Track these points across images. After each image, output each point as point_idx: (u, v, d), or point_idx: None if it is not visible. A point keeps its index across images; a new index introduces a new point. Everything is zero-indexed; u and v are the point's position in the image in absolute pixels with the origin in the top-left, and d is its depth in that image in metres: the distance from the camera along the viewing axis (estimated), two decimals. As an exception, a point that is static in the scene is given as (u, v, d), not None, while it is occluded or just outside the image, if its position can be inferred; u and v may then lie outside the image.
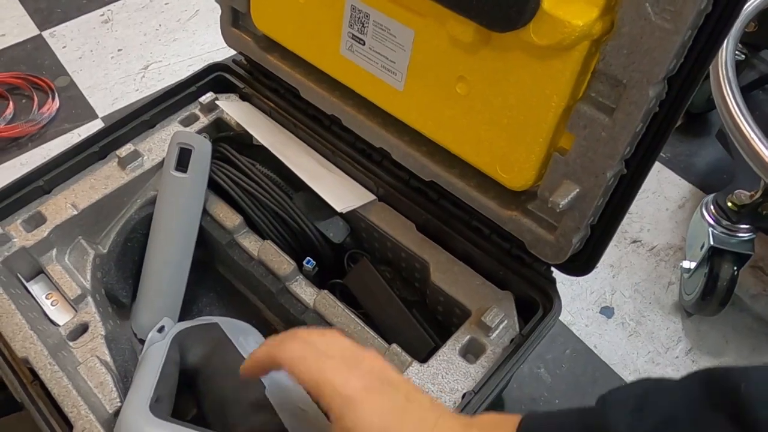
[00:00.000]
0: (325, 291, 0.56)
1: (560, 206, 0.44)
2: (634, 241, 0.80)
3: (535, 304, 0.52)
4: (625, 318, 0.73)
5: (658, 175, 0.87)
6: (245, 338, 0.51)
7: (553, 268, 0.52)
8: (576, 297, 0.75)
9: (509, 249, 0.53)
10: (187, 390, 0.51)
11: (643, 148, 0.42)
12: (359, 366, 0.36)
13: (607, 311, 0.74)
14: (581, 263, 0.50)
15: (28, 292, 0.56)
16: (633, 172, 0.43)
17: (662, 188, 0.86)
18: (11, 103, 0.94)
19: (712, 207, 0.71)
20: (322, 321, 0.55)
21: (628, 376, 0.69)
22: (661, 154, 0.43)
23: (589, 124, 0.41)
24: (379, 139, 0.57)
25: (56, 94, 0.95)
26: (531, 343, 0.49)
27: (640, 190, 0.45)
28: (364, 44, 0.52)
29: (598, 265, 0.77)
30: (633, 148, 0.42)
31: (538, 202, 0.49)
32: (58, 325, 0.54)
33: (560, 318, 0.73)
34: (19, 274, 0.57)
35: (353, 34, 0.52)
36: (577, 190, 0.44)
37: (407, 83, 0.51)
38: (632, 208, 0.45)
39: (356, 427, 0.33)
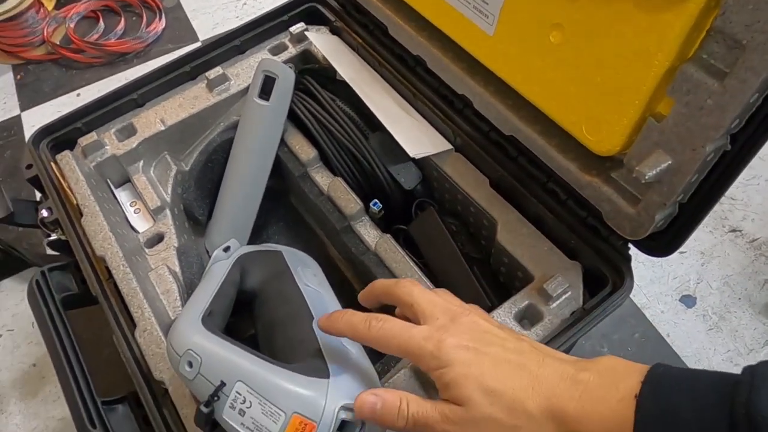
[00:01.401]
0: (388, 235, 0.55)
1: (646, 177, 0.40)
2: (734, 230, 0.73)
3: (605, 280, 0.49)
4: (707, 310, 0.68)
5: (777, 161, 0.78)
6: (303, 269, 0.52)
7: (630, 246, 0.49)
8: (656, 280, 0.70)
9: (585, 218, 0.50)
10: (247, 311, 0.53)
11: (755, 123, 0.37)
12: (455, 323, 0.36)
13: (688, 300, 0.68)
14: (662, 243, 0.46)
15: (115, 198, 0.60)
16: (739, 149, 0.38)
17: (778, 176, 0.77)
18: (123, 19, 0.99)
19: (833, 203, 0.63)
20: (381, 264, 0.55)
21: (700, 371, 0.64)
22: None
23: (694, 89, 0.36)
24: (462, 86, 0.54)
25: (163, 15, 0.99)
26: (592, 319, 0.46)
27: (751, 176, 0.40)
28: (458, -19, 0.49)
29: (687, 250, 0.72)
30: (743, 121, 0.37)
31: (624, 170, 0.45)
32: (138, 232, 0.58)
33: (635, 300, 0.69)
34: (108, 180, 0.61)
35: (448, -30, 0.49)
36: (669, 162, 0.40)
37: (498, 28, 0.47)
38: (737, 193, 0.41)
39: (454, 383, 0.34)
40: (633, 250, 0.48)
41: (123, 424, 0.45)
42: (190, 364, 0.37)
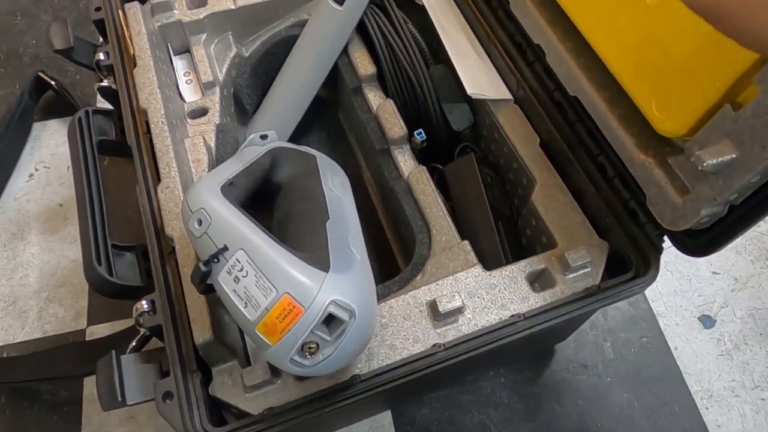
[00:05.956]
0: (423, 167, 0.54)
1: (704, 165, 0.37)
2: (777, 266, 0.70)
3: (629, 266, 0.47)
4: (723, 336, 0.65)
5: None
6: (332, 176, 0.52)
7: (665, 241, 0.47)
8: (680, 292, 0.67)
9: (627, 200, 0.48)
10: (269, 205, 0.53)
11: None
12: None
13: (706, 320, 0.66)
14: (700, 243, 0.43)
15: (172, 64, 0.61)
16: (812, 160, 0.36)
17: (842, 225, 0.73)
18: None
19: None
20: (409, 193, 0.54)
21: (697, 392, 0.62)
22: None
23: (786, 80, 0.34)
24: (540, 35, 0.52)
25: None
26: (604, 298, 0.45)
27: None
28: None
29: (721, 271, 0.69)
30: (827, 129, 0.34)
31: (681, 157, 0.42)
32: (185, 101, 0.58)
33: (652, 306, 0.67)
34: (169, 45, 0.61)
35: None
36: (734, 155, 0.37)
37: (595, -23, 0.45)
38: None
39: None
40: (666, 258, 0.46)
41: (127, 270, 0.47)
42: (200, 222, 0.38)
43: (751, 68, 0.36)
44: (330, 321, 0.36)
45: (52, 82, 0.74)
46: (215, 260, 0.37)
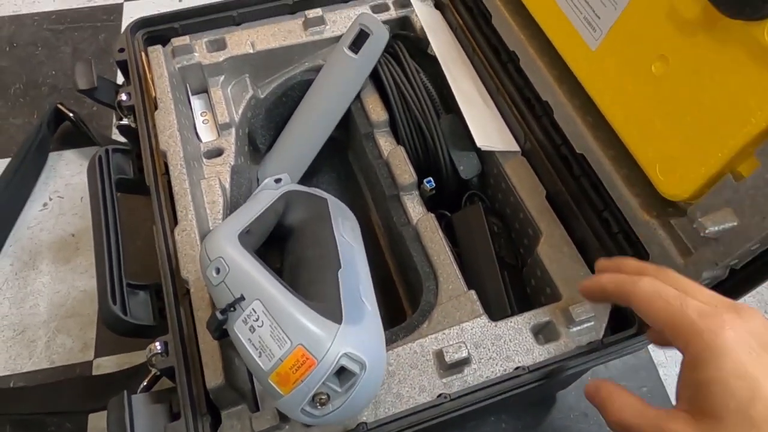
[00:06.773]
0: (432, 215, 0.55)
1: (706, 231, 0.39)
2: (775, 318, 0.70)
3: (631, 321, 0.48)
4: (722, 387, 0.66)
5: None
6: (343, 221, 0.53)
7: (667, 295, 0.48)
8: (679, 341, 0.68)
9: (630, 256, 0.49)
10: (279, 246, 0.55)
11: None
12: (741, 317, 0.31)
13: (705, 371, 0.67)
14: (700, 302, 0.45)
15: (189, 103, 0.63)
16: (811, 232, 0.37)
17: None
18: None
19: None
20: (417, 240, 0.55)
21: (695, 443, 0.63)
22: None
23: (785, 157, 0.35)
24: (548, 93, 0.54)
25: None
26: (607, 354, 0.46)
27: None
28: (577, -12, 0.48)
29: (721, 322, 0.70)
30: (825, 205, 0.36)
31: (684, 220, 0.44)
32: (201, 141, 0.60)
33: (653, 355, 0.68)
34: (188, 85, 0.63)
35: (571, -26, 0.48)
36: (735, 223, 0.39)
37: (602, 44, 0.47)
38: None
39: (719, 380, 0.28)
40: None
41: (140, 309, 0.48)
42: (218, 271, 0.39)
43: (752, 141, 0.37)
44: (341, 373, 0.37)
45: (71, 114, 0.76)
46: (232, 309, 0.38)
